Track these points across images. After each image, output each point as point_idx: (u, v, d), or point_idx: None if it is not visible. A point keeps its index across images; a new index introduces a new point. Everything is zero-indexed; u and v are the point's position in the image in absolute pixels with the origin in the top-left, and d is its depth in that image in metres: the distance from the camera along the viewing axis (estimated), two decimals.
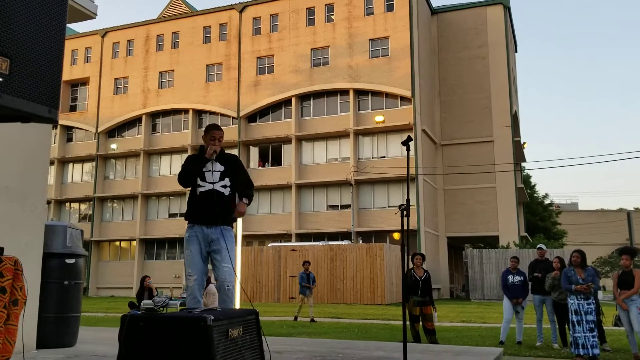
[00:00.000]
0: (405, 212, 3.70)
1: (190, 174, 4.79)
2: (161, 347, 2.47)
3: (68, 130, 42.11)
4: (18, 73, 1.94)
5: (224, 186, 4.77)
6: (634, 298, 8.13)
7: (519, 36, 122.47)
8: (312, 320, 15.56)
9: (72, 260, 6.19)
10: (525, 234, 39.34)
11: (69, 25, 44.56)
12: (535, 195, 50.12)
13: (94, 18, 6.61)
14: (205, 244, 4.80)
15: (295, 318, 15.95)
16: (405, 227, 3.61)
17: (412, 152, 32.24)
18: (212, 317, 2.49)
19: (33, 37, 1.98)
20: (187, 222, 4.91)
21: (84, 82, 42.29)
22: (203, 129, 28.34)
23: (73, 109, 42.44)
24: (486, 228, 35.84)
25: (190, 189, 4.87)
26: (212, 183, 4.74)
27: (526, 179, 48.38)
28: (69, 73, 42.29)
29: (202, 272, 4.92)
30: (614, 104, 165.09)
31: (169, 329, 2.50)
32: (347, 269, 25.00)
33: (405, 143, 3.76)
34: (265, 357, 2.99)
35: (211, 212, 4.66)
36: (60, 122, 41.39)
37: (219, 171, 4.78)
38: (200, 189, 4.75)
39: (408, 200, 3.80)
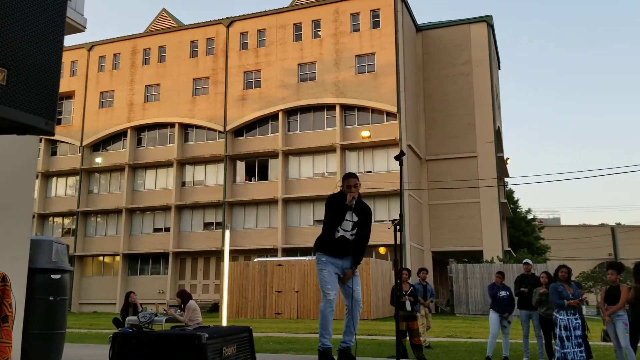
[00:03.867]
0: (398, 227, 3.71)
1: (334, 227, 5.81)
2: None
3: (52, 143, 41.71)
4: (15, 84, 1.90)
5: (352, 235, 5.82)
6: (621, 313, 8.20)
7: (502, 54, 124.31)
8: (427, 347, 12.08)
9: (57, 276, 6.10)
10: (509, 249, 39.58)
11: None
12: (518, 210, 50.51)
13: (83, 31, 6.60)
14: (339, 270, 5.82)
15: (427, 346, 12.40)
16: (398, 242, 3.62)
17: (398, 167, 32.34)
18: (207, 335, 2.46)
19: (31, 48, 1.95)
20: (319, 252, 5.93)
21: (69, 95, 42.00)
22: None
23: (58, 122, 42.02)
24: (470, 243, 36.01)
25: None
26: (345, 231, 5.79)
27: (509, 194, 48.77)
28: None
29: (337, 290, 5.80)
30: (596, 121, 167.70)
31: (163, 347, 2.46)
32: None
33: (398, 158, 3.79)
34: None
35: (342, 252, 5.80)
36: (44, 135, 40.98)
37: (353, 222, 5.80)
38: (338, 234, 5.79)
39: (401, 215, 3.82)
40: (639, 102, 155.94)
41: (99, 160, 39.69)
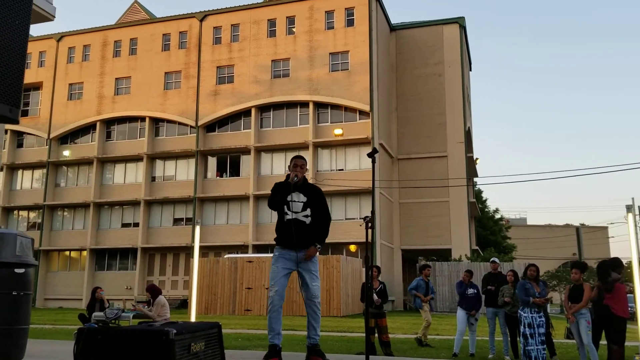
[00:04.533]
0: (370, 224, 3.74)
1: (276, 204, 5.54)
2: None
3: (19, 135, 40.73)
4: None
5: (306, 216, 5.47)
6: (583, 312, 8.40)
7: (474, 55, 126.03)
8: (421, 344, 11.80)
9: (21, 270, 5.95)
10: (477, 248, 40.18)
11: None
12: (486, 209, 51.28)
13: (52, 20, 6.46)
14: (293, 263, 5.46)
15: (420, 342, 12.01)
16: (369, 239, 3.65)
17: (369, 165, 32.57)
18: (175, 331, 2.43)
19: None
20: (276, 245, 5.63)
21: (37, 86, 41.05)
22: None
23: (25, 113, 41.07)
24: (439, 241, 36.44)
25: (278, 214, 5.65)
26: (296, 213, 5.45)
27: (478, 194, 49.49)
28: None
29: (283, 286, 5.45)
30: (565, 123, 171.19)
31: (129, 343, 2.44)
32: None
33: (371, 155, 3.82)
34: None
35: (294, 239, 5.38)
36: (11, 127, 40.05)
37: (301, 202, 5.49)
38: (287, 217, 5.48)
39: (373, 212, 3.86)
40: (608, 103, 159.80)
41: (66, 153, 38.91)
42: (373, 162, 3.81)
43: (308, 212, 5.49)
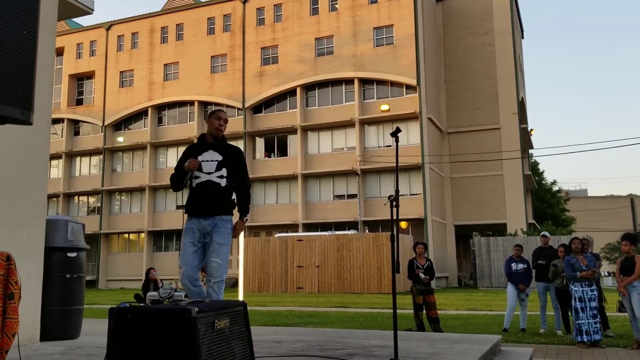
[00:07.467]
0: (394, 203, 3.73)
1: (175, 178, 4.67)
2: (148, 339, 2.53)
3: (75, 123, 42.34)
4: None
5: (221, 177, 4.55)
6: (635, 284, 8.11)
7: (525, 22, 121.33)
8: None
9: (74, 254, 6.26)
10: (534, 222, 39.23)
11: (74, 20, 44.59)
12: (543, 182, 49.88)
13: (91, 13, 6.64)
14: (201, 235, 4.55)
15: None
16: (394, 217, 3.64)
17: (417, 141, 32.16)
18: (197, 309, 2.53)
19: (3, 42, 2.00)
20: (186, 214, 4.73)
21: (89, 75, 42.45)
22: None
23: (79, 102, 42.66)
24: (494, 216, 35.76)
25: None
26: (209, 174, 4.54)
27: (534, 166, 48.14)
28: (74, 67, 42.45)
29: (191, 265, 4.49)
30: (623, 88, 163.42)
31: (155, 321, 2.54)
32: (354, 258, 25.08)
33: (394, 134, 3.78)
34: (253, 348, 3.03)
35: (204, 204, 4.54)
36: (67, 115, 41.68)
37: (216, 161, 4.57)
38: (197, 180, 4.60)
39: (397, 191, 3.83)
40: None
41: (121, 139, 40.23)
42: (397, 141, 3.76)
43: (224, 172, 4.58)
